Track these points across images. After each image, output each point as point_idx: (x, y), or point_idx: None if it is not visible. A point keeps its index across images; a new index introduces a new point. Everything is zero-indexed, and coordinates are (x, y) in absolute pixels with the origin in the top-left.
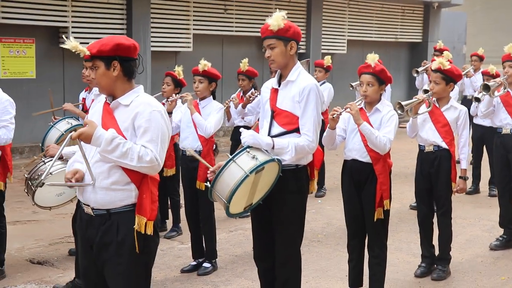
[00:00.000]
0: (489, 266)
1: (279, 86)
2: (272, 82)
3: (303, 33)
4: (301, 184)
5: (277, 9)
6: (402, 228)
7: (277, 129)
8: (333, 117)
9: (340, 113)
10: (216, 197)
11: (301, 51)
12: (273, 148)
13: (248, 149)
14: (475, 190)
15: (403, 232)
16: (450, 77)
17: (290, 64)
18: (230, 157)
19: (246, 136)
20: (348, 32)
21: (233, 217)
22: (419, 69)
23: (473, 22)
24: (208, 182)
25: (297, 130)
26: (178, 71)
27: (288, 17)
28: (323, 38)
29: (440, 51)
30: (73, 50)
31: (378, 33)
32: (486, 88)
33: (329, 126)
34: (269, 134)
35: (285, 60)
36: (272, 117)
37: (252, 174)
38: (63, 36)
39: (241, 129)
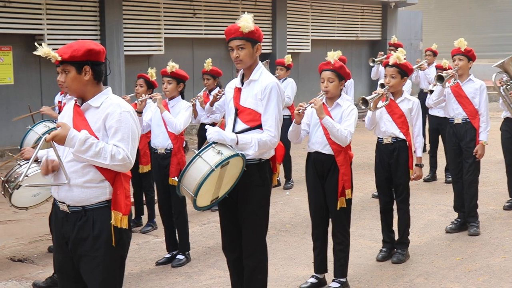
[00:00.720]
0: (445, 248)
1: (242, 85)
2: (235, 82)
3: (268, 34)
4: (264, 177)
5: (244, 12)
6: (365, 216)
7: (240, 125)
8: (299, 112)
9: (305, 108)
10: (184, 191)
11: (267, 51)
12: (237, 143)
13: (213, 145)
14: (432, 177)
15: (365, 219)
16: (404, 71)
17: (253, 64)
18: (197, 152)
19: (212, 133)
20: (311, 32)
21: (200, 210)
22: (376, 59)
23: (429, 20)
24: (177, 177)
25: (259, 126)
26: (151, 73)
27: (254, 19)
28: (288, 38)
29: (395, 46)
30: (45, 56)
31: (340, 32)
32: (440, 78)
33: (295, 120)
34: (233, 131)
35: (251, 60)
36: (236, 115)
37: (217, 168)
38: (41, 43)
39: (207, 126)
